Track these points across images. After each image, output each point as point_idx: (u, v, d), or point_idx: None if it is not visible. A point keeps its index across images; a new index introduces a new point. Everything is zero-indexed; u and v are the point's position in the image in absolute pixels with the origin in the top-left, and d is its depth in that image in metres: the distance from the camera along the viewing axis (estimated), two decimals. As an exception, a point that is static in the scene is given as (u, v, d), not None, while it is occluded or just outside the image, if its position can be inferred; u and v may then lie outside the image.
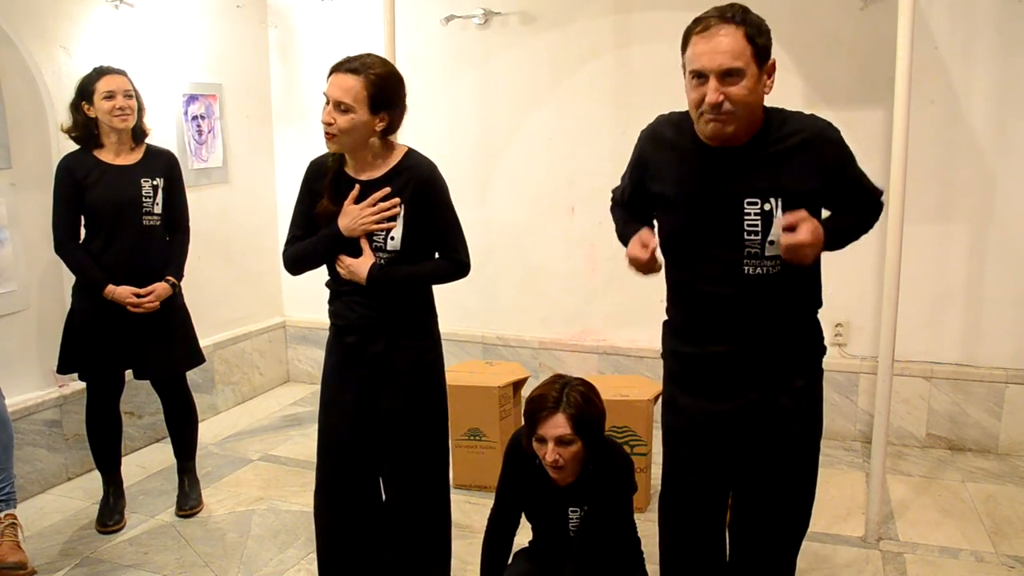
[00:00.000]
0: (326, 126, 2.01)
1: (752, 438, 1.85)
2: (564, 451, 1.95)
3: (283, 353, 4.66)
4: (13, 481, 2.60)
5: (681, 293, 1.87)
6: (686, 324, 1.87)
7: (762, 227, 1.72)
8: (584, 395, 1.98)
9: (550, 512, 2.09)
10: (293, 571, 2.66)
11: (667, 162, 1.82)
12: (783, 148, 1.71)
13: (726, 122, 1.65)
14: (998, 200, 3.41)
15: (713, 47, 1.62)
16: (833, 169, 1.74)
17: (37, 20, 3.16)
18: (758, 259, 1.74)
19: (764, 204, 1.71)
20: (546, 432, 1.95)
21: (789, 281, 1.76)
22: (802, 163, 1.71)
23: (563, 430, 1.94)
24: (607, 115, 3.81)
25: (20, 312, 3.17)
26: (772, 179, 1.71)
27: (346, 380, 2.19)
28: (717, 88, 1.62)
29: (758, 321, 1.78)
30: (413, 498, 2.22)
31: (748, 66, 1.62)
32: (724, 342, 1.81)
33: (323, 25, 4.28)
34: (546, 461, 1.97)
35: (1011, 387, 3.48)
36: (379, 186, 2.08)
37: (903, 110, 2.55)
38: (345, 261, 2.11)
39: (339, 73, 2.00)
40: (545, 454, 1.97)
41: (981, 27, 3.32)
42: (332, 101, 1.99)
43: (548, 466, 1.99)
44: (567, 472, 2.00)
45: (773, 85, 1.71)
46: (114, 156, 2.83)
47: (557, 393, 1.97)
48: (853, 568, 2.65)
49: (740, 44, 1.61)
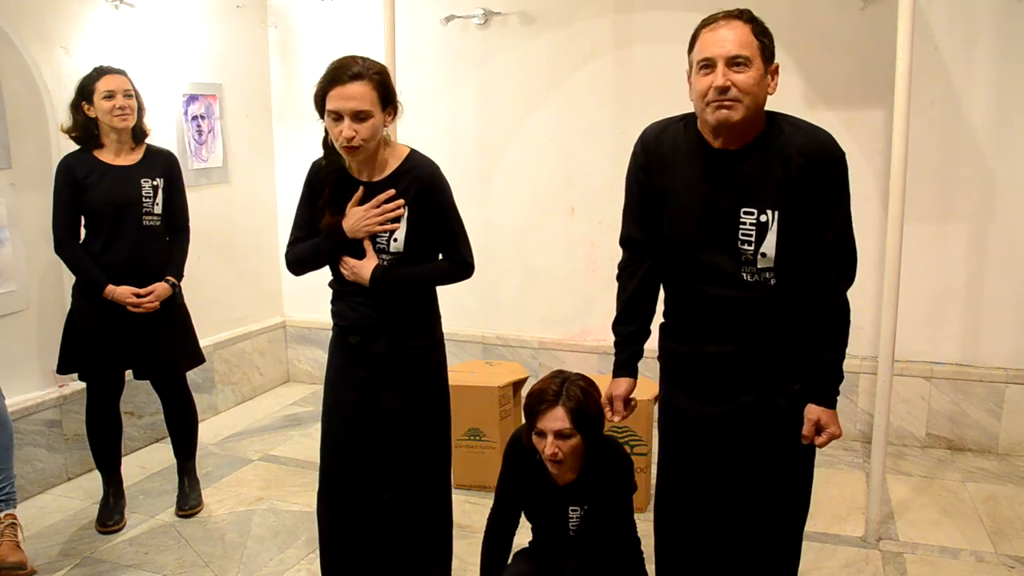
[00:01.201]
0: (348, 141, 1.96)
1: (748, 442, 1.85)
2: (563, 444, 1.95)
3: (283, 353, 4.66)
4: (13, 481, 2.60)
5: (680, 294, 1.87)
6: (684, 324, 1.87)
7: (756, 237, 1.72)
8: (584, 390, 1.98)
9: (550, 511, 2.09)
10: (293, 571, 2.66)
11: (669, 170, 1.82)
12: (784, 158, 1.70)
13: (731, 109, 1.66)
14: (998, 200, 3.41)
15: (722, 37, 1.67)
16: (831, 186, 1.72)
17: (37, 20, 3.16)
18: (752, 266, 1.74)
19: (760, 215, 1.72)
20: (545, 425, 1.96)
21: (784, 293, 1.76)
22: (802, 179, 1.70)
23: (562, 423, 1.94)
24: (607, 115, 3.81)
25: (20, 312, 3.17)
26: (772, 189, 1.71)
27: (349, 380, 2.20)
28: (725, 73, 1.65)
29: (756, 323, 1.78)
30: (415, 498, 2.22)
31: (754, 58, 1.66)
32: (721, 342, 1.81)
33: (323, 25, 4.28)
34: (545, 455, 1.98)
35: (1011, 387, 3.48)
36: (383, 188, 2.08)
37: (903, 110, 2.55)
38: (349, 262, 2.10)
39: (343, 85, 1.95)
40: (544, 448, 1.97)
41: (981, 27, 3.32)
42: (349, 114, 1.95)
43: (547, 460, 1.99)
44: (566, 467, 2.01)
45: (776, 87, 1.73)
46: (114, 156, 2.83)
47: (557, 387, 1.98)
48: (853, 568, 2.65)
49: (748, 37, 1.67)
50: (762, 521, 1.88)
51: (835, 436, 1.80)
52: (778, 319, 1.79)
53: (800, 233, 1.72)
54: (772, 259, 1.73)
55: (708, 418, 1.85)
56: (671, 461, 1.95)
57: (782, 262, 1.73)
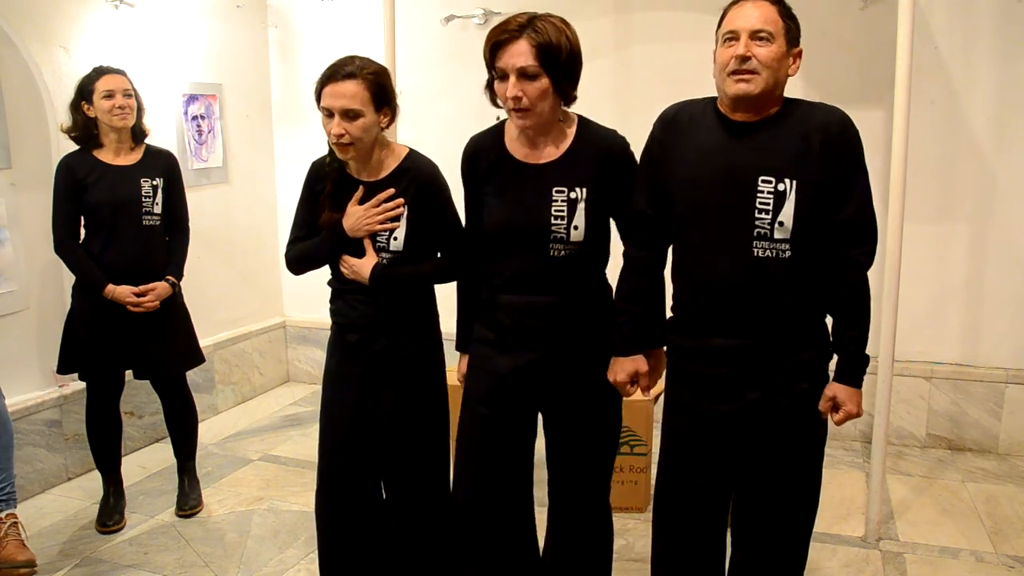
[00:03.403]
0: (338, 138, 1.98)
1: (755, 441, 1.84)
2: (528, 87, 1.72)
3: (283, 353, 4.66)
4: (13, 481, 2.60)
5: (688, 278, 1.85)
6: (690, 313, 1.85)
7: (773, 206, 1.72)
8: (556, 26, 1.77)
9: (526, 196, 1.89)
10: (293, 571, 2.66)
11: (684, 140, 1.82)
12: (803, 132, 1.73)
13: (751, 81, 1.69)
14: (998, 200, 3.41)
15: (748, 11, 1.72)
16: (849, 160, 1.74)
17: (37, 20, 3.16)
18: (767, 240, 1.73)
19: (779, 184, 1.71)
20: (506, 63, 1.73)
21: (797, 270, 1.75)
22: (822, 152, 1.71)
23: (525, 60, 1.72)
24: (607, 115, 3.76)
25: (20, 312, 3.17)
26: (790, 160, 1.72)
27: (347, 379, 2.20)
28: (747, 44, 1.69)
29: (764, 312, 1.76)
30: (414, 497, 2.22)
31: (778, 35, 1.71)
32: (728, 334, 1.79)
33: (323, 25, 4.28)
34: (506, 99, 1.78)
35: (1011, 387, 3.48)
36: (382, 187, 2.09)
37: (903, 110, 2.55)
38: (348, 261, 2.11)
39: (336, 83, 1.97)
40: (506, 91, 1.76)
41: (981, 27, 3.32)
42: (339, 111, 1.97)
43: (511, 110, 1.79)
44: (535, 119, 1.81)
45: (798, 71, 1.78)
46: (114, 156, 2.83)
47: (524, 20, 1.74)
48: (853, 568, 2.65)
49: (774, 15, 1.71)
50: (768, 522, 1.87)
51: (852, 415, 1.79)
52: (788, 303, 1.76)
53: (818, 206, 1.72)
54: (789, 229, 1.72)
55: (714, 416, 1.84)
56: (676, 459, 1.94)
57: (798, 233, 1.72)
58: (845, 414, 1.79)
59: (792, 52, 1.74)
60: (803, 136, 1.72)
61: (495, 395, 2.01)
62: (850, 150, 1.74)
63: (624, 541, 2.76)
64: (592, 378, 1.96)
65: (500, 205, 1.95)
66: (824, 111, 1.77)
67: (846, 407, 1.79)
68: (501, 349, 1.99)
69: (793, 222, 1.71)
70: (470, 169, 2.03)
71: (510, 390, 2.00)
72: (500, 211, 1.95)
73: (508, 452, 2.04)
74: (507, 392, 2.00)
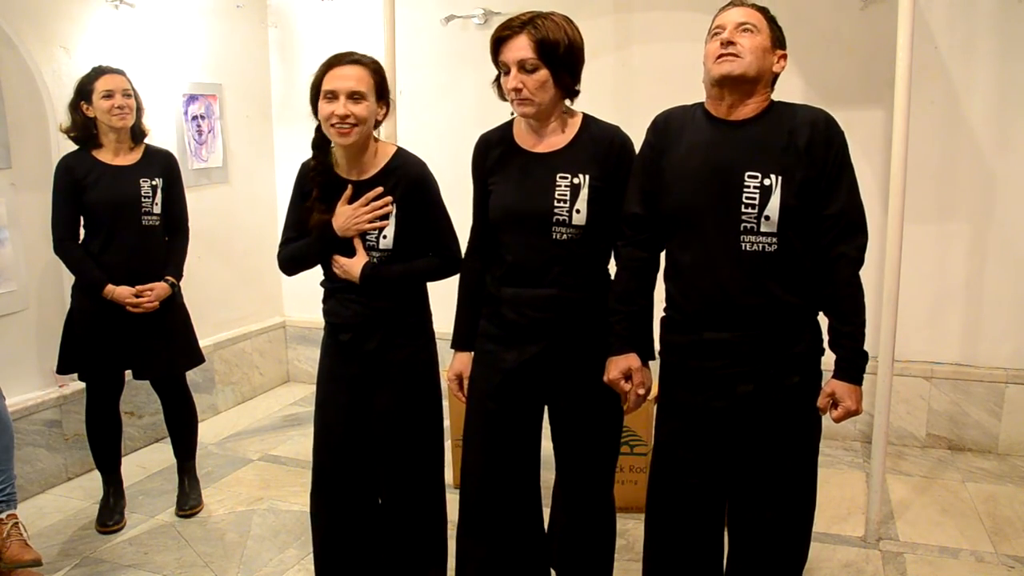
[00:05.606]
0: (342, 120, 1.98)
1: (748, 436, 1.84)
2: (528, 79, 1.83)
3: (283, 353, 4.66)
4: (13, 481, 2.60)
5: (679, 272, 1.87)
6: (682, 310, 1.87)
7: (759, 201, 1.74)
8: (557, 24, 1.86)
9: (532, 181, 1.94)
10: (293, 571, 2.66)
11: (674, 141, 1.86)
12: (788, 129, 1.76)
13: (733, 61, 1.74)
14: (998, 200, 3.41)
15: (734, 11, 1.81)
16: (835, 156, 1.76)
17: (37, 20, 3.16)
18: (754, 234, 1.76)
19: (764, 179, 1.74)
20: (507, 57, 1.85)
21: (784, 263, 1.77)
22: (807, 149, 1.75)
23: (525, 53, 1.83)
24: (607, 115, 3.77)
25: (20, 312, 3.17)
26: (776, 156, 1.75)
27: (340, 378, 2.21)
28: (732, 33, 1.76)
29: (753, 305, 1.78)
30: (408, 497, 2.22)
31: (763, 29, 1.77)
32: (718, 327, 1.81)
33: (323, 25, 4.28)
34: (508, 90, 1.88)
35: (1011, 387, 3.48)
36: (370, 186, 2.10)
37: (903, 110, 2.55)
38: (339, 260, 2.12)
39: (342, 66, 2.00)
40: (507, 83, 1.86)
41: (981, 27, 3.32)
42: (345, 93, 1.98)
43: (514, 102, 1.89)
44: (535, 108, 1.88)
45: (783, 69, 1.83)
46: (113, 156, 2.83)
47: (526, 18, 1.85)
48: (853, 568, 2.65)
49: (759, 17, 1.80)
50: (765, 519, 1.87)
51: (851, 412, 1.79)
52: (777, 296, 1.78)
53: (804, 201, 1.74)
54: (775, 223, 1.74)
55: (708, 412, 1.85)
56: (669, 459, 1.94)
57: (784, 227, 1.75)
58: (844, 411, 1.79)
59: (777, 52, 1.81)
60: (789, 132, 1.76)
61: (502, 390, 2.02)
62: (835, 146, 1.77)
63: (624, 541, 2.76)
64: (595, 370, 1.97)
65: (506, 190, 1.98)
66: (809, 111, 1.81)
67: (844, 403, 1.79)
68: (506, 344, 2.01)
69: (779, 216, 1.74)
70: (479, 162, 2.06)
71: (517, 384, 2.01)
72: (506, 196, 1.98)
73: (516, 446, 2.06)
74: (514, 386, 2.02)
